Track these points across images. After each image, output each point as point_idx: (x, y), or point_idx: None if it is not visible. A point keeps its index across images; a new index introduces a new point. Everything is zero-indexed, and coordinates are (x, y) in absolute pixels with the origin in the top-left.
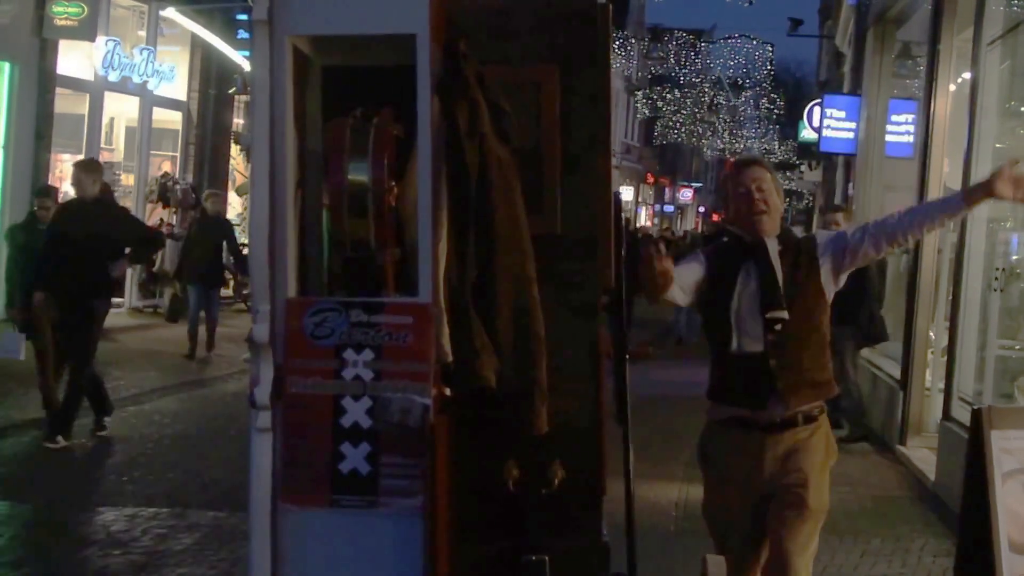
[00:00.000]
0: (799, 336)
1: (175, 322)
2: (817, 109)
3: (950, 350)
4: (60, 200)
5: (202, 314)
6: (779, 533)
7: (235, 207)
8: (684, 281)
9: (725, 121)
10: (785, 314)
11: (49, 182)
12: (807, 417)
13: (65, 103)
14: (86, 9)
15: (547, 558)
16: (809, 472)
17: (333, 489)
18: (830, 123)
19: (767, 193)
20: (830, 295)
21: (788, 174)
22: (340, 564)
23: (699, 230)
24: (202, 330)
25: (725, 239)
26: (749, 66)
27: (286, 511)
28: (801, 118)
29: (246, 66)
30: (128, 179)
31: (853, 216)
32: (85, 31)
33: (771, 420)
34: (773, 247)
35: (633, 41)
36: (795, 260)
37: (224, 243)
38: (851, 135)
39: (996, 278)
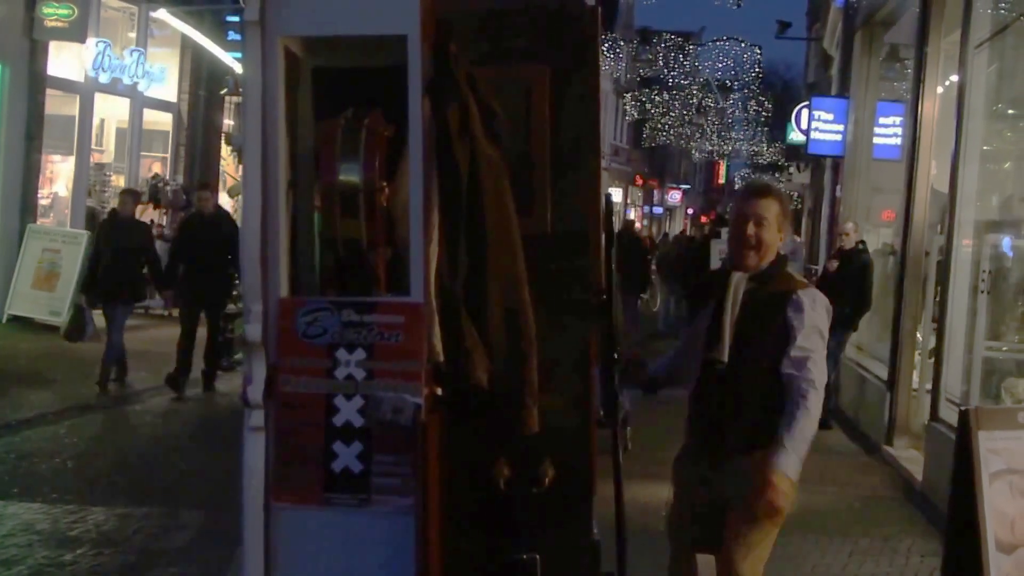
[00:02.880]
0: (746, 380)
1: (75, 341)
2: (805, 111)
3: (937, 351)
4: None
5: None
6: (726, 537)
7: (226, 208)
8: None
9: (713, 123)
10: (721, 357)
11: (39, 183)
12: (767, 441)
13: (55, 104)
14: (76, 10)
15: (538, 556)
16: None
17: (325, 487)
18: (818, 125)
19: (764, 228)
20: None
21: (776, 176)
22: (332, 562)
23: (686, 231)
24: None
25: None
26: (737, 68)
27: (279, 509)
28: (789, 120)
29: (236, 67)
30: (118, 180)
31: (841, 216)
32: (75, 32)
33: (729, 445)
34: (740, 283)
35: (622, 43)
36: (766, 303)
37: (140, 250)
38: (839, 137)
39: (983, 280)
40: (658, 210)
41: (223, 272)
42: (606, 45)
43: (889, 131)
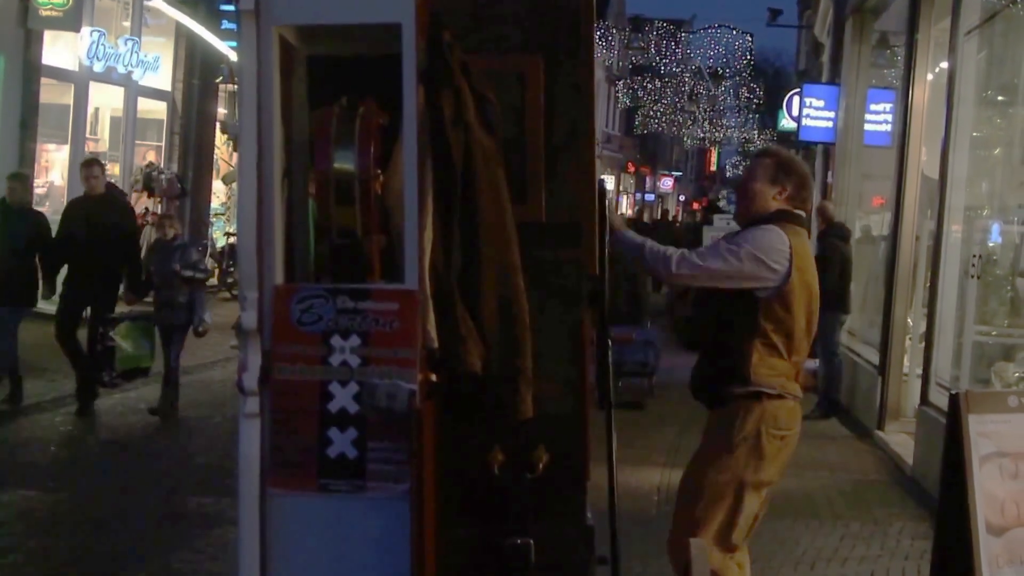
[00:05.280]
0: (711, 325)
1: None
2: (796, 98)
3: (928, 336)
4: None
5: None
6: None
7: (219, 196)
8: None
9: (705, 110)
10: (685, 306)
11: (35, 171)
12: (714, 401)
13: (50, 93)
14: (71, 0)
15: (532, 541)
16: (699, 452)
17: (320, 474)
18: (809, 112)
19: (746, 180)
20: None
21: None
22: (327, 548)
23: (677, 218)
24: None
25: None
26: (729, 56)
27: (274, 496)
28: (780, 107)
29: (231, 56)
30: (113, 169)
31: (833, 201)
32: (70, 21)
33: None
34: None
35: (614, 31)
36: None
37: (34, 244)
38: (830, 124)
39: (973, 265)
40: (650, 197)
41: (113, 266)
42: (599, 33)
43: (880, 118)
